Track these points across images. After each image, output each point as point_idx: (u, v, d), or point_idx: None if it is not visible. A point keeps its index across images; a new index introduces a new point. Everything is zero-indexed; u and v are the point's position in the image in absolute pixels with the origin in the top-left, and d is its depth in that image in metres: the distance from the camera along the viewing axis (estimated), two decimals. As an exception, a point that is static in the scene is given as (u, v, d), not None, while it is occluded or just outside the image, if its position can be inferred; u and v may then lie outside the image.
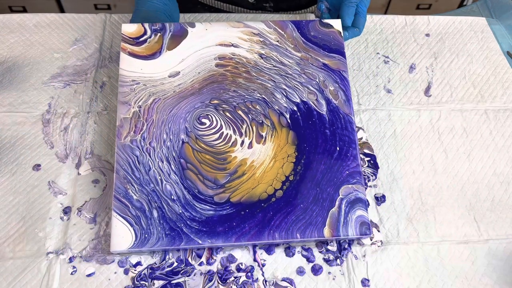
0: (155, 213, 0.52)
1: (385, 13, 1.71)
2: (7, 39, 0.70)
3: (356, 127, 0.64)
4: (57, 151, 0.59)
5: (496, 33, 0.78)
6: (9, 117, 0.62)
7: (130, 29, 0.61)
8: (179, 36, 0.61)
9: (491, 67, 0.73)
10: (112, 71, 0.68)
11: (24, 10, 1.53)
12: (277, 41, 0.62)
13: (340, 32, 0.64)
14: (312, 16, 0.79)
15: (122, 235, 0.50)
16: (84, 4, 1.56)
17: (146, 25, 0.62)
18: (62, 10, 1.58)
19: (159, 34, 0.61)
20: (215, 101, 0.58)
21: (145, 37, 0.61)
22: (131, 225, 0.51)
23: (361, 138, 0.63)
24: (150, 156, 0.55)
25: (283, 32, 0.63)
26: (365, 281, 0.52)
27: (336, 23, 0.64)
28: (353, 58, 0.72)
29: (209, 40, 0.61)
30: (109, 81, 0.67)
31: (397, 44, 0.75)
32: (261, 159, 0.56)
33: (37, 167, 0.58)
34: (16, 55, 0.68)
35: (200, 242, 0.50)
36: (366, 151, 0.62)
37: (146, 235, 0.50)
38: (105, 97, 0.65)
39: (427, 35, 0.76)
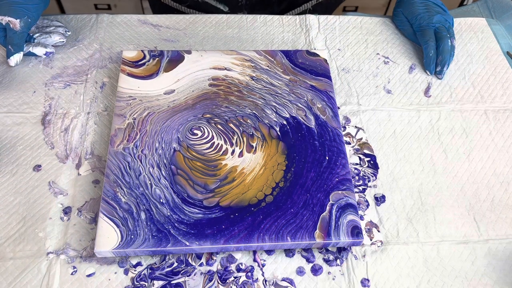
0: (142, 215, 0.52)
1: (385, 13, 1.71)
2: (8, 39, 0.70)
3: (356, 127, 0.64)
4: (57, 152, 0.59)
5: (496, 33, 0.78)
6: (9, 117, 0.62)
7: (130, 54, 0.66)
8: (176, 60, 0.66)
9: (491, 67, 0.73)
10: (112, 71, 0.68)
11: (24, 11, 1.53)
12: (267, 66, 0.66)
13: (326, 60, 0.68)
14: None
15: (108, 235, 0.50)
16: (84, 4, 1.57)
17: (146, 51, 0.66)
18: (62, 10, 1.58)
19: (157, 58, 0.65)
20: (208, 115, 0.60)
21: (143, 61, 0.65)
22: (118, 226, 0.51)
23: (361, 139, 0.63)
24: (141, 162, 0.55)
25: (272, 59, 0.67)
26: (365, 281, 0.52)
27: (322, 52, 0.68)
28: (353, 58, 0.72)
29: (203, 64, 0.66)
30: (109, 81, 0.67)
31: (397, 45, 0.75)
32: (251, 166, 0.56)
33: (37, 167, 0.58)
34: (17, 56, 0.68)
35: (187, 244, 0.50)
36: (366, 151, 0.62)
37: (132, 236, 0.50)
38: (106, 98, 0.65)
39: (427, 35, 0.76)
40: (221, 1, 0.82)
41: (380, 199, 0.58)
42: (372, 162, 0.61)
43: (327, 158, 0.58)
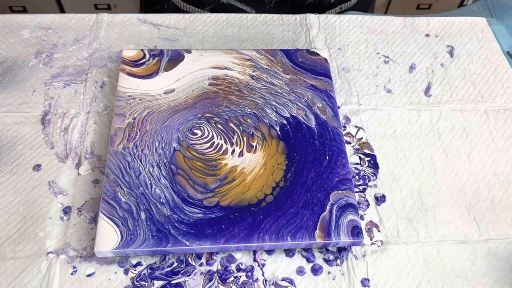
0: (142, 215, 0.51)
1: (385, 13, 1.71)
2: (7, 39, 0.70)
3: (356, 127, 0.64)
4: (57, 151, 0.59)
5: (496, 33, 0.78)
6: (9, 117, 0.62)
7: (130, 53, 0.65)
8: (176, 60, 0.66)
9: (491, 67, 0.73)
10: (112, 71, 0.68)
11: (24, 11, 1.53)
12: (268, 66, 0.66)
13: (326, 59, 0.67)
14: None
15: (107, 235, 0.50)
16: (84, 4, 1.56)
17: (146, 50, 0.66)
18: (62, 10, 1.58)
19: (157, 58, 0.65)
20: (208, 115, 0.60)
21: (143, 60, 0.65)
22: (118, 226, 0.50)
23: (361, 138, 0.63)
24: (141, 162, 0.55)
25: (273, 58, 0.67)
26: (365, 281, 0.52)
27: (323, 52, 0.68)
28: (353, 58, 0.72)
29: (203, 64, 0.66)
30: (109, 81, 0.67)
31: (397, 44, 0.75)
32: (251, 166, 0.56)
33: (37, 167, 0.58)
34: (16, 55, 0.68)
35: (187, 244, 0.50)
36: (366, 151, 0.62)
37: (132, 236, 0.50)
38: (105, 97, 0.65)
39: (427, 35, 0.76)
40: (248, 3, 0.81)
41: (380, 199, 0.58)
42: (372, 161, 0.61)
43: (327, 157, 0.58)
